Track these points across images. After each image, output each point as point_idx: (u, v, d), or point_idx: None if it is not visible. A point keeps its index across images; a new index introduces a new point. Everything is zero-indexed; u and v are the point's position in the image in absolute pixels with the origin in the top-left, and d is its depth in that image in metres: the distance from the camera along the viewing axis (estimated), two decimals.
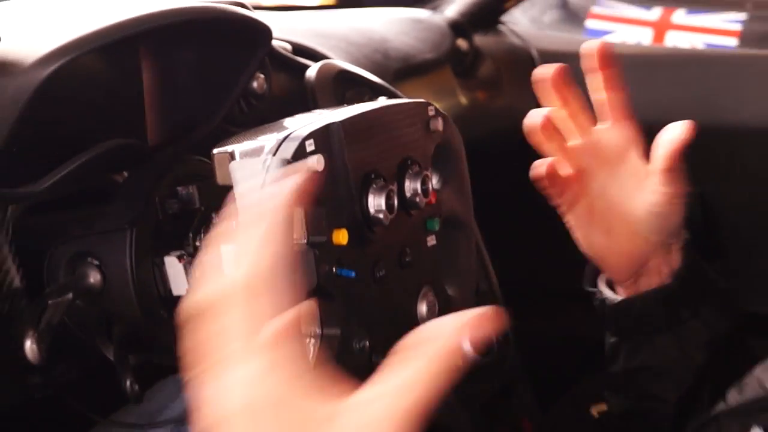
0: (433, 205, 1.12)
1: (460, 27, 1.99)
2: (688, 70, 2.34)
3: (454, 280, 1.18)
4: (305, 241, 0.92)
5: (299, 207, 0.81)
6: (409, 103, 1.13)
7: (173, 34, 1.14)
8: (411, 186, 1.07)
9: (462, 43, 1.97)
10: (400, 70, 1.67)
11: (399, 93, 1.50)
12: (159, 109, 1.22)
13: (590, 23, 3.40)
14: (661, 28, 3.57)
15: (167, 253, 1.08)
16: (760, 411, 1.01)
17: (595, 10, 3.30)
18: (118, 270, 1.07)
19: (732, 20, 3.65)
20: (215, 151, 0.96)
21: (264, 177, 0.90)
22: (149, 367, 1.17)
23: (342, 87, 1.44)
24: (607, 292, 1.24)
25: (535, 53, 2.16)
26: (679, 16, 3.62)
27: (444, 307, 1.13)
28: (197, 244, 1.09)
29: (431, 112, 1.13)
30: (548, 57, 2.15)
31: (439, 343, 0.62)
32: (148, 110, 1.21)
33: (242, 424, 0.60)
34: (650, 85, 2.20)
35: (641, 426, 1.26)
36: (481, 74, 1.94)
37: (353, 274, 1.00)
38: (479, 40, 2.03)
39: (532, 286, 2.17)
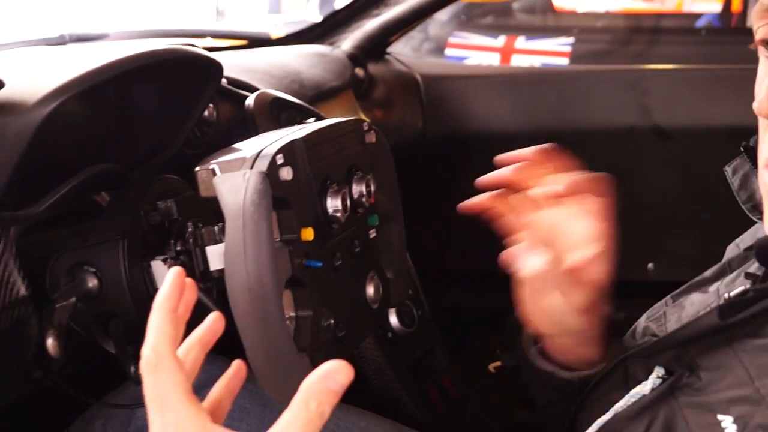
0: (373, 204, 1.14)
1: (356, 58, 2.01)
2: (530, 85, 2.35)
3: (391, 265, 1.20)
4: (279, 239, 0.95)
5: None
6: (348, 120, 1.15)
7: (140, 73, 1.14)
8: (357, 189, 1.10)
9: (359, 71, 1.99)
10: (314, 96, 1.69)
11: (323, 114, 1.52)
12: (130, 137, 1.23)
13: (449, 51, 3.47)
14: (506, 52, 3.66)
15: (153, 258, 1.08)
16: (659, 353, 1.01)
17: (452, 40, 3.37)
18: (113, 275, 1.06)
19: (563, 44, 3.77)
20: (198, 168, 0.97)
21: (246, 188, 0.91)
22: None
23: (277, 111, 1.46)
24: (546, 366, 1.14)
25: (418, 77, 2.18)
26: (521, 42, 3.73)
27: (385, 287, 1.17)
28: (178, 248, 1.09)
29: (365, 128, 1.17)
30: (428, 79, 2.21)
31: (307, 397, 0.65)
32: (121, 139, 1.21)
33: None
34: (502, 98, 2.26)
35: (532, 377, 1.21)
36: (376, 96, 1.97)
37: (320, 264, 1.02)
38: (372, 68, 2.06)
39: (446, 268, 2.21)
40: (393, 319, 1.48)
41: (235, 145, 1.02)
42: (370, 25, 2.06)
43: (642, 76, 2.21)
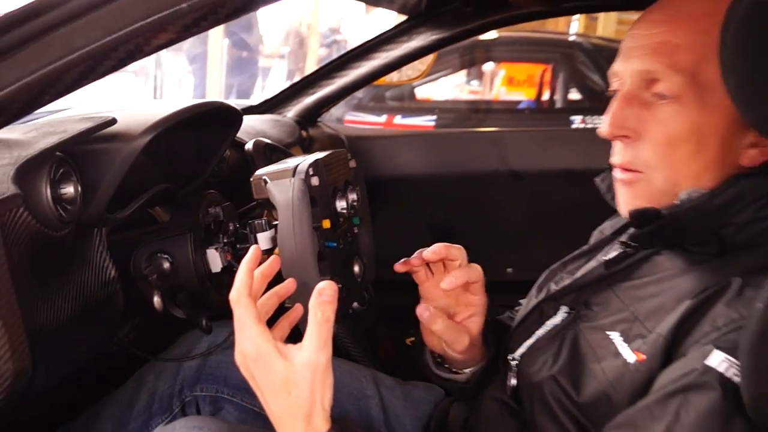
0: (356, 209, 1.22)
1: (300, 123, 2.10)
2: (425, 142, 2.44)
3: (365, 253, 1.28)
4: (313, 227, 1.05)
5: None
6: (340, 150, 1.22)
7: (186, 120, 1.19)
8: (350, 197, 1.18)
9: (303, 132, 2.07)
10: (278, 149, 1.78)
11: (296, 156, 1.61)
12: (174, 166, 1.29)
13: (347, 124, 3.62)
14: (387, 126, 3.85)
15: (208, 248, 1.16)
16: (563, 296, 1.11)
17: (348, 117, 3.49)
18: (183, 259, 1.14)
19: (428, 120, 3.98)
20: (253, 179, 1.07)
21: (292, 190, 1.02)
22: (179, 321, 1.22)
23: (269, 153, 1.55)
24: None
25: (344, 137, 2.28)
26: (398, 119, 3.91)
27: (362, 269, 1.24)
28: (224, 240, 1.17)
29: (349, 156, 1.25)
30: (351, 139, 2.30)
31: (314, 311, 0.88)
32: (168, 167, 1.28)
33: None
34: (405, 151, 2.35)
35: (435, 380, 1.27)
36: (315, 150, 2.03)
37: (335, 244, 1.11)
38: (311, 131, 2.14)
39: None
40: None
41: (271, 166, 1.10)
42: (307, 100, 2.15)
43: (501, 135, 2.34)
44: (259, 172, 1.08)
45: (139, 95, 6.63)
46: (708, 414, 0.79)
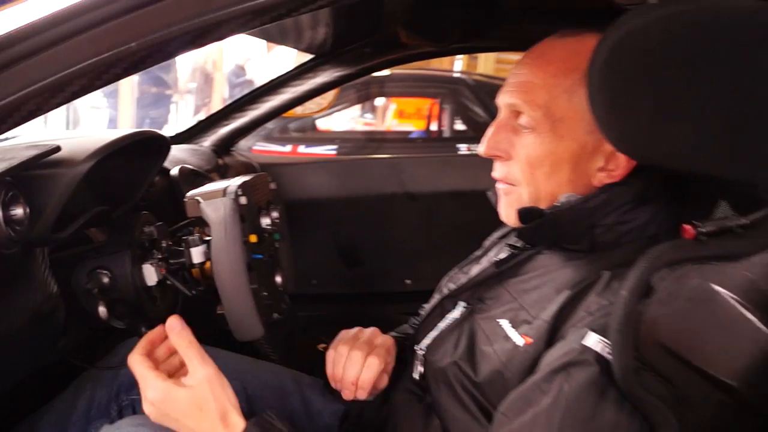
0: (277, 226, 1.27)
1: (216, 151, 2.14)
2: (330, 167, 2.53)
3: (284, 265, 1.34)
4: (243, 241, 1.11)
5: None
6: (262, 174, 1.29)
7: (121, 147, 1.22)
8: (273, 215, 1.24)
9: (219, 160, 2.10)
10: (200, 174, 1.82)
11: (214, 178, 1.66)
12: (108, 190, 1.32)
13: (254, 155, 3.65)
14: (292, 155, 3.90)
15: (144, 263, 1.19)
16: (460, 294, 1.20)
17: (255, 147, 3.52)
18: (121, 274, 1.17)
19: (329, 149, 4.06)
20: (186, 199, 1.13)
21: (224, 208, 1.08)
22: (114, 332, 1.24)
23: (193, 178, 1.59)
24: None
25: (256, 165, 2.33)
26: (302, 148, 3.97)
27: (283, 279, 1.29)
28: (159, 256, 1.21)
29: (270, 179, 1.32)
30: (263, 167, 2.35)
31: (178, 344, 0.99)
32: (102, 191, 1.30)
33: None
34: (312, 176, 2.43)
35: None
36: (231, 176, 2.07)
37: (261, 256, 1.18)
38: (227, 159, 2.18)
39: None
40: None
41: (202, 188, 1.15)
42: (222, 131, 2.20)
43: (398, 161, 2.44)
44: (191, 193, 1.13)
45: (54, 127, 6.42)
46: (587, 386, 0.89)
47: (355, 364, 1.17)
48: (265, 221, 1.20)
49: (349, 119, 6.62)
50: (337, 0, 0.91)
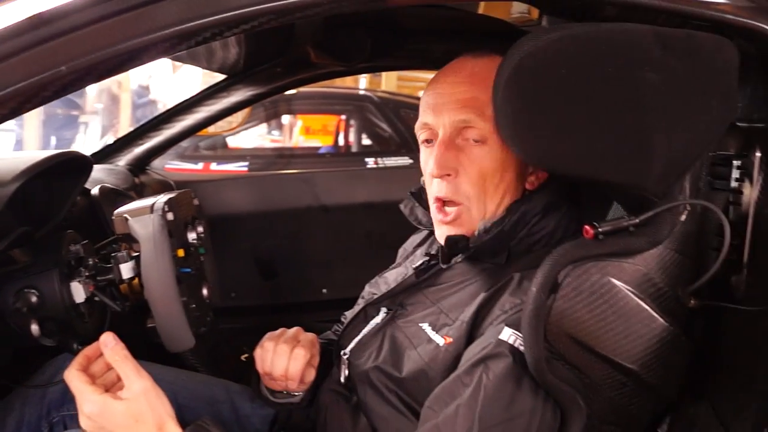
0: (202, 240, 1.28)
1: (132, 170, 2.11)
2: (246, 182, 2.58)
3: (210, 279, 1.35)
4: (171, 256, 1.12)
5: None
6: (186, 191, 1.29)
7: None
8: (198, 230, 1.25)
9: (135, 179, 2.08)
10: (121, 192, 1.80)
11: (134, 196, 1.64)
12: (34, 211, 1.30)
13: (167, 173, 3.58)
14: (204, 172, 3.86)
15: (71, 281, 1.17)
16: (382, 301, 1.24)
17: (167, 165, 3.46)
18: (50, 292, 1.14)
19: (240, 165, 4.03)
20: (114, 216, 1.13)
21: (153, 224, 1.08)
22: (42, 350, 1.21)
23: (113, 197, 1.57)
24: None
25: (172, 183, 2.31)
26: (214, 166, 3.94)
27: (209, 292, 1.30)
28: (86, 274, 1.18)
29: (193, 196, 1.33)
30: (179, 184, 2.34)
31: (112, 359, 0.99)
32: (26, 211, 1.29)
33: None
34: (229, 191, 2.45)
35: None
36: (147, 195, 2.04)
37: (189, 270, 1.18)
38: (142, 177, 2.15)
39: None
40: None
41: (127, 205, 1.15)
42: (137, 150, 2.18)
43: (312, 176, 2.48)
44: (119, 210, 1.13)
45: None
46: (504, 375, 0.95)
47: (282, 356, 1.19)
48: (191, 236, 1.21)
49: (257, 136, 6.59)
50: (259, 25, 0.93)
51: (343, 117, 5.33)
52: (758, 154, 1.08)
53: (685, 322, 1.03)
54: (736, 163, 1.13)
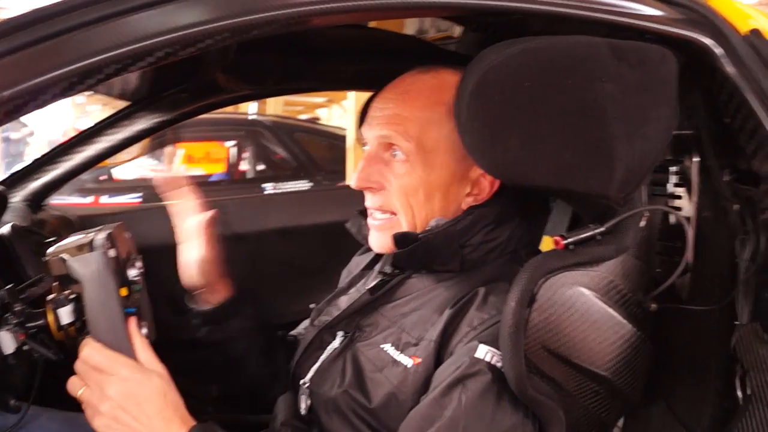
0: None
1: (29, 206, 1.96)
2: (145, 215, 2.34)
3: (147, 317, 1.22)
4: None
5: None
6: (119, 224, 1.17)
7: None
8: (137, 265, 1.15)
9: (33, 216, 1.92)
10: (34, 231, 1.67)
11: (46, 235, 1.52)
12: None
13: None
14: (96, 206, 3.65)
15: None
16: (337, 324, 1.19)
17: (53, 200, 3.27)
18: None
19: (134, 197, 3.85)
20: (48, 258, 1.03)
21: (97, 263, 1.00)
22: None
23: (27, 235, 1.44)
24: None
25: (73, 218, 2.16)
26: (104, 199, 3.74)
27: (149, 331, 1.16)
28: (14, 322, 1.07)
29: (124, 229, 1.22)
30: (83, 219, 2.17)
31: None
32: None
33: None
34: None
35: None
36: (48, 231, 1.91)
37: (134, 310, 1.10)
38: (41, 214, 2.00)
39: None
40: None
41: (59, 244, 1.05)
42: (33, 185, 2.01)
43: (223, 203, 2.35)
44: (51, 250, 1.03)
45: None
46: (483, 394, 0.93)
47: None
48: (132, 272, 1.12)
49: (136, 167, 6.33)
50: (166, 57, 0.88)
51: (229, 144, 5.22)
52: (695, 159, 1.13)
53: (646, 326, 1.05)
54: (672, 169, 1.17)
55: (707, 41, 1.03)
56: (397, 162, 1.09)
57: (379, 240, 1.15)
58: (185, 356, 1.33)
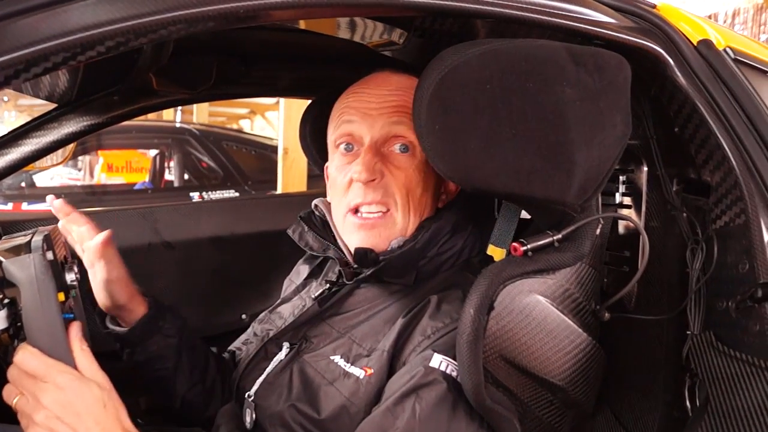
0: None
1: None
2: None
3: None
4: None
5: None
6: (53, 226, 1.15)
7: None
8: (75, 270, 1.06)
9: None
10: None
11: None
12: None
13: None
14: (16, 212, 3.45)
15: None
16: (283, 335, 1.14)
17: None
18: None
19: None
20: None
21: (33, 265, 0.92)
22: None
23: None
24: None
25: None
26: (24, 205, 3.53)
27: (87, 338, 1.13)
28: None
29: (60, 232, 1.18)
30: (5, 225, 2.03)
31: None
32: None
33: None
34: None
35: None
36: None
37: (72, 316, 1.00)
38: None
39: None
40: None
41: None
42: None
43: (153, 210, 2.27)
44: None
45: None
46: (438, 403, 0.90)
47: None
48: (69, 276, 1.05)
49: (53, 176, 6.08)
50: (107, 51, 0.80)
51: (151, 152, 5.05)
52: (645, 169, 1.12)
53: (598, 334, 1.03)
54: (621, 178, 1.16)
55: (659, 50, 1.02)
56: (399, 154, 1.07)
57: (367, 239, 1.08)
58: (112, 366, 1.24)
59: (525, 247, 0.93)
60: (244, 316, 2.20)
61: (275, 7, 0.88)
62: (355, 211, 1.09)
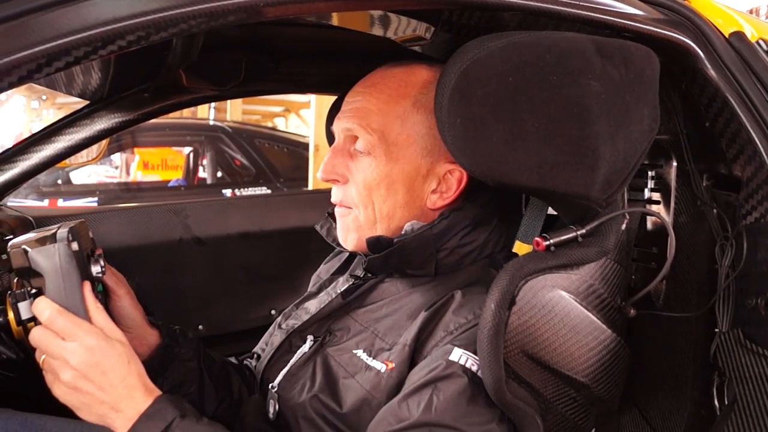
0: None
1: None
2: (113, 216, 2.25)
3: None
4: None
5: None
6: (81, 221, 1.10)
7: None
8: (100, 263, 1.07)
9: None
10: None
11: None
12: None
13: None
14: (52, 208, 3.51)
15: None
16: (307, 328, 1.13)
17: (9, 203, 3.15)
18: None
19: (90, 201, 3.72)
20: (10, 250, 0.97)
21: (58, 255, 0.95)
22: None
23: None
24: None
25: (30, 218, 2.06)
26: (60, 202, 3.59)
27: None
28: None
29: (86, 226, 1.16)
30: (39, 220, 2.08)
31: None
32: None
33: None
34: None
35: None
36: (5, 230, 1.81)
37: None
38: None
39: None
40: None
41: (21, 237, 1.00)
42: None
43: (183, 207, 2.29)
44: (14, 242, 0.98)
45: None
46: (457, 395, 0.88)
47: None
48: (95, 269, 1.06)
49: (90, 173, 6.17)
50: (138, 41, 0.81)
51: (187, 150, 5.10)
52: (674, 164, 1.10)
53: (624, 331, 1.01)
54: (650, 173, 1.14)
55: (689, 42, 1.00)
56: (360, 156, 1.06)
57: (342, 234, 1.12)
58: None
59: (548, 242, 0.91)
60: (273, 312, 2.21)
61: (297, 1, 0.88)
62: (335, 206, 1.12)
